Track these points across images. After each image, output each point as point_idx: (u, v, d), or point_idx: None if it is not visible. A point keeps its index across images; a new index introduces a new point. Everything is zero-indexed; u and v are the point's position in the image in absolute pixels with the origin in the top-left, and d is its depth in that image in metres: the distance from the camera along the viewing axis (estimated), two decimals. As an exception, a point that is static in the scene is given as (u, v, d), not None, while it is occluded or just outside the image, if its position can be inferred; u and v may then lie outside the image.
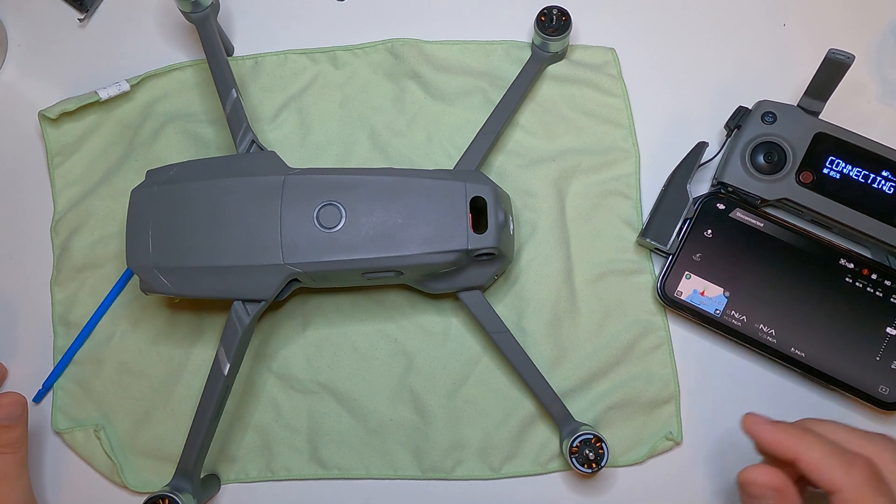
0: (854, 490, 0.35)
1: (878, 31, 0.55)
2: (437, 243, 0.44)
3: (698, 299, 0.50)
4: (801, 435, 0.37)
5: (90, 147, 0.55)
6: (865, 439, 0.38)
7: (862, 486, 0.35)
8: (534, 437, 0.50)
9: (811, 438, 0.37)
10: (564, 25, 0.51)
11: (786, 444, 0.37)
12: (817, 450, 0.36)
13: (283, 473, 0.51)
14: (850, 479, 0.35)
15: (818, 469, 0.36)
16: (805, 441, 0.37)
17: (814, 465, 0.36)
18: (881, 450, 0.37)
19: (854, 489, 0.35)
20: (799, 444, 0.37)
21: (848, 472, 0.35)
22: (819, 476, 0.36)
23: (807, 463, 0.36)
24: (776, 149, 0.50)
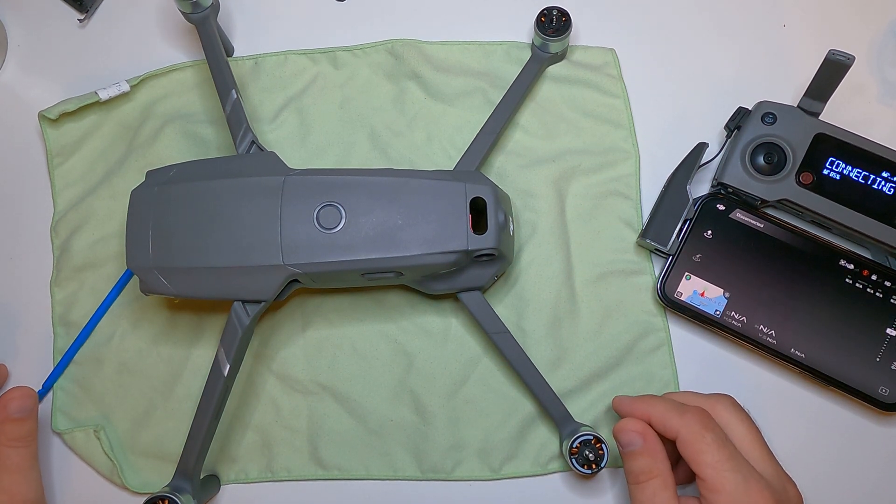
0: (687, 430, 0.41)
1: (878, 31, 0.55)
2: (437, 244, 0.44)
3: (698, 300, 0.50)
4: (648, 400, 0.44)
5: (90, 147, 0.55)
6: (704, 397, 0.44)
7: (693, 424, 0.41)
8: (534, 437, 0.50)
9: (656, 400, 0.43)
10: (564, 26, 0.51)
11: (638, 409, 0.44)
12: (660, 407, 0.43)
13: (283, 474, 0.51)
14: (683, 422, 0.41)
15: (660, 422, 0.42)
16: (651, 403, 0.43)
17: (657, 419, 0.42)
18: (714, 402, 0.44)
19: (687, 429, 0.41)
20: (647, 406, 0.43)
21: (681, 417, 0.41)
22: (662, 428, 0.42)
23: (655, 419, 0.42)
24: (776, 150, 0.50)
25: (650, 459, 0.42)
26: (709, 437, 0.40)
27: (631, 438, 0.42)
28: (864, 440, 0.50)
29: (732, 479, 0.39)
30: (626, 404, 0.45)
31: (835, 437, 0.50)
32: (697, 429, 0.40)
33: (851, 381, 0.48)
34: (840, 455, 0.50)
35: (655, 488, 0.41)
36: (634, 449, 0.42)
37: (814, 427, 0.50)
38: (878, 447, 0.50)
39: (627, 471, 0.43)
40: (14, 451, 0.46)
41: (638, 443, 0.42)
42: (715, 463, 0.40)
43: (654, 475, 0.41)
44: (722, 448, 0.40)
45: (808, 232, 0.50)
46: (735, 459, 0.40)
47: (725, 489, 0.39)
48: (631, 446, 0.42)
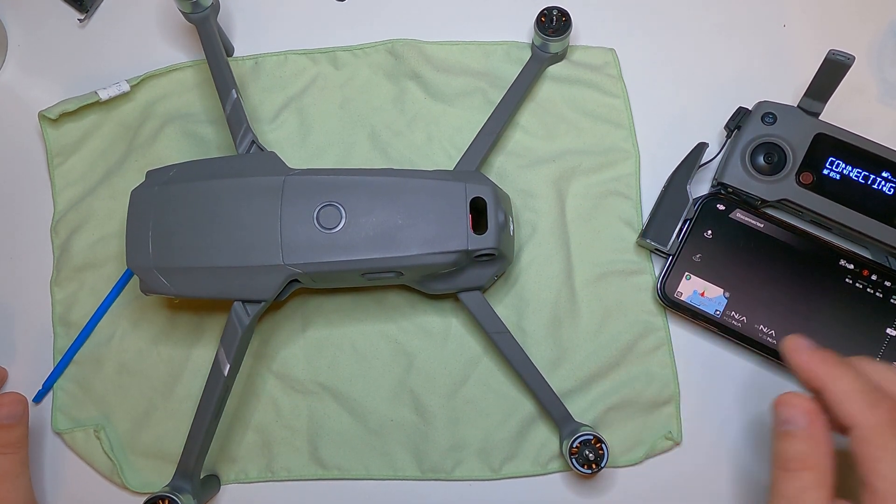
0: (872, 429, 0.33)
1: (878, 31, 0.55)
2: (437, 244, 0.44)
3: (698, 300, 0.50)
4: (835, 365, 0.35)
5: (90, 147, 0.55)
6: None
7: (883, 425, 0.33)
8: (534, 437, 0.50)
9: (844, 370, 0.35)
10: (564, 26, 0.51)
11: (816, 372, 0.35)
12: (846, 382, 0.34)
13: (283, 473, 0.51)
14: (870, 417, 0.33)
15: (840, 402, 0.34)
16: (836, 371, 0.35)
17: (837, 398, 0.34)
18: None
19: (872, 428, 0.33)
20: (828, 374, 0.35)
21: (870, 410, 0.33)
22: (839, 409, 0.34)
23: (831, 394, 0.35)
24: (776, 149, 0.50)
25: (810, 446, 0.34)
26: (894, 445, 0.33)
27: (792, 416, 0.35)
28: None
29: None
30: (803, 359, 0.36)
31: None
32: (885, 430, 0.33)
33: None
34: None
35: (806, 484, 0.34)
36: (792, 430, 0.35)
37: (814, 427, 0.50)
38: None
39: (776, 453, 0.36)
40: (3, 458, 0.46)
41: (801, 423, 0.35)
42: (893, 480, 0.32)
43: (809, 466, 0.34)
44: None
45: (808, 232, 0.50)
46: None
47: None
48: (789, 425, 0.35)
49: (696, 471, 0.50)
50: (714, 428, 0.50)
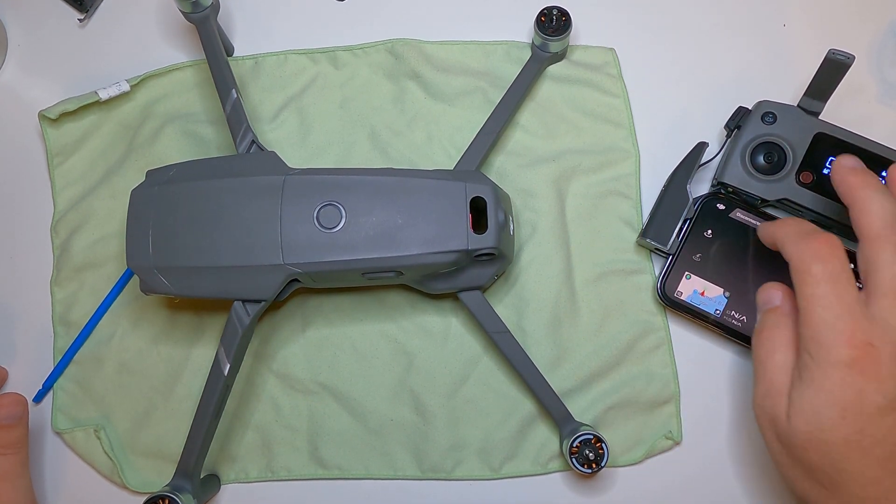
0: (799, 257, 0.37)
1: (878, 31, 0.55)
2: (437, 243, 0.44)
3: (698, 299, 0.50)
4: (782, 222, 0.40)
5: (90, 147, 0.55)
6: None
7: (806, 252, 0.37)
8: (534, 437, 0.50)
9: (789, 220, 0.39)
10: (564, 26, 0.51)
11: (768, 231, 0.40)
12: (788, 228, 0.39)
13: (283, 473, 0.51)
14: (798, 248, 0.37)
15: (782, 244, 0.38)
16: (781, 222, 0.39)
17: (781, 241, 0.39)
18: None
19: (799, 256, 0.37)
20: (776, 227, 0.39)
21: (798, 243, 0.37)
22: (782, 250, 0.38)
23: (778, 239, 0.39)
24: (776, 149, 0.50)
25: (780, 317, 0.39)
26: (816, 267, 0.36)
27: (769, 296, 0.39)
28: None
29: (821, 315, 0.35)
30: (763, 226, 0.41)
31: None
32: (807, 258, 0.36)
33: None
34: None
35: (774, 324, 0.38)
36: (768, 308, 0.39)
37: (814, 426, 0.50)
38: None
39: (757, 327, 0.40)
40: (3, 458, 0.46)
41: (775, 300, 0.39)
42: (811, 297, 0.36)
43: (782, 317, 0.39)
44: (826, 284, 0.36)
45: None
46: (834, 297, 0.35)
47: (811, 324, 0.36)
48: (767, 305, 0.39)
49: (696, 471, 0.50)
50: (714, 428, 0.50)
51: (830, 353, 0.35)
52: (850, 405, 0.35)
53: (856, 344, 0.35)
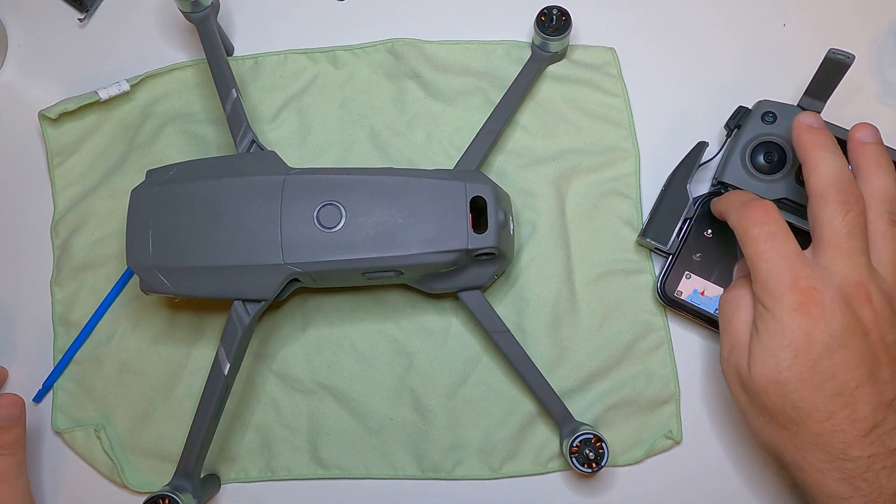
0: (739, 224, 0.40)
1: (878, 31, 0.55)
2: (438, 243, 0.44)
3: (698, 299, 0.50)
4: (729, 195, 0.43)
5: (90, 147, 0.55)
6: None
7: (745, 220, 0.40)
8: (534, 436, 0.50)
9: (733, 193, 0.42)
10: (564, 25, 0.51)
11: (716, 207, 0.43)
12: (730, 199, 0.42)
13: (283, 473, 0.51)
14: (739, 215, 0.40)
15: (725, 214, 0.42)
16: (726, 195, 0.43)
17: (725, 212, 0.42)
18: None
19: (739, 222, 0.40)
20: (720, 200, 0.43)
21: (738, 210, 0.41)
22: (726, 220, 0.42)
23: (723, 211, 0.42)
24: (776, 148, 0.50)
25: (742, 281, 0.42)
26: (755, 230, 0.39)
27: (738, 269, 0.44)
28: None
29: (766, 269, 0.38)
30: (713, 202, 0.44)
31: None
32: (746, 223, 0.39)
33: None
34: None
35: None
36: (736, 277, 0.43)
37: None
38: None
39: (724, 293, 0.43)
40: (1, 460, 0.46)
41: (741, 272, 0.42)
42: (753, 255, 0.39)
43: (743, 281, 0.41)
44: (764, 242, 0.38)
45: (807, 231, 0.50)
46: (773, 251, 0.38)
47: (759, 278, 0.38)
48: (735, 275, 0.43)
49: (696, 471, 0.50)
50: (714, 428, 0.50)
51: (779, 301, 0.38)
52: (800, 345, 0.37)
53: (800, 289, 0.37)
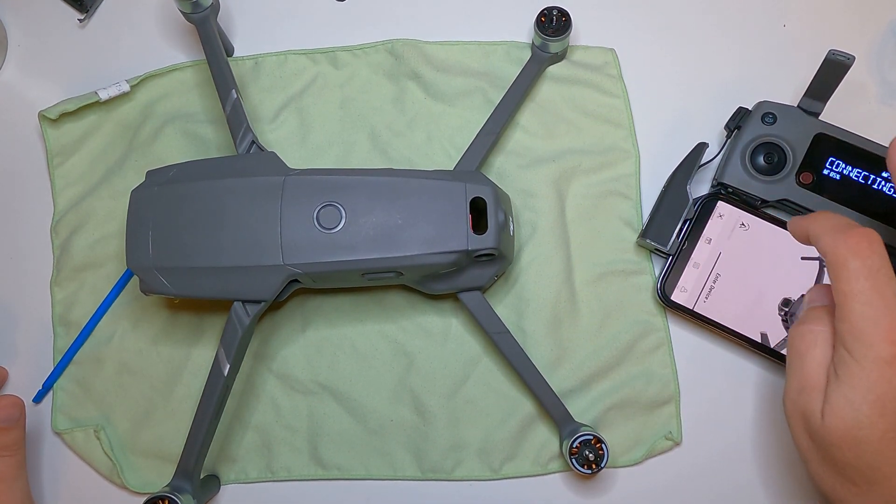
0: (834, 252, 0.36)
1: (878, 31, 0.55)
2: (437, 244, 0.44)
3: (698, 300, 0.50)
4: (815, 215, 0.38)
5: (90, 147, 0.55)
6: None
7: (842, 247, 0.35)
8: (534, 437, 0.50)
9: (822, 215, 0.38)
10: (564, 26, 0.51)
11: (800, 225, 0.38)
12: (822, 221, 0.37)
13: (283, 473, 0.51)
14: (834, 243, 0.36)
15: (816, 238, 0.37)
16: (815, 217, 0.38)
17: (815, 235, 0.37)
18: None
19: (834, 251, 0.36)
20: (809, 221, 0.38)
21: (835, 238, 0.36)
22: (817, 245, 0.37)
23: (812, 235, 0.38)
24: (776, 149, 0.50)
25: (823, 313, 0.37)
26: (854, 263, 0.35)
27: (816, 295, 0.38)
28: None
29: (861, 312, 0.34)
30: (795, 221, 0.40)
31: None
32: (844, 253, 0.35)
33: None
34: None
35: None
36: (812, 305, 0.38)
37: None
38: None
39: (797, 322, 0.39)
40: (0, 461, 0.46)
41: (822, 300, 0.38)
42: (848, 293, 0.35)
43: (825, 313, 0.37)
44: (865, 279, 0.34)
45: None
46: (875, 293, 0.34)
47: (850, 319, 0.34)
48: (812, 303, 0.38)
49: (696, 471, 0.50)
50: (714, 428, 0.50)
51: (870, 350, 0.34)
52: (889, 402, 0.34)
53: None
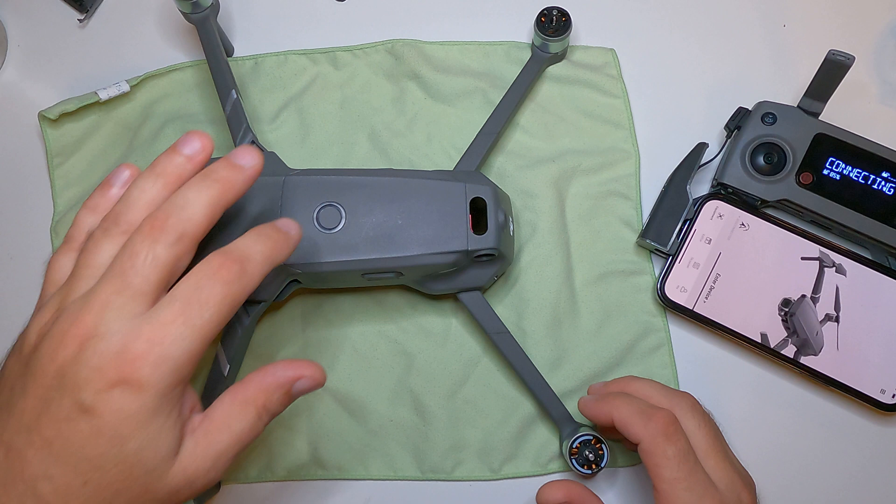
0: (651, 440, 0.40)
1: (877, 31, 0.55)
2: (437, 244, 0.44)
3: (698, 300, 0.50)
4: (612, 400, 0.43)
5: (90, 147, 0.55)
6: (668, 395, 0.43)
7: (657, 436, 0.40)
8: (534, 437, 0.50)
9: (620, 401, 0.42)
10: (564, 26, 0.51)
11: (602, 411, 0.43)
12: (624, 409, 0.41)
13: (283, 473, 0.51)
14: (647, 431, 0.40)
15: (625, 425, 0.41)
16: (615, 404, 0.42)
17: (622, 423, 0.41)
18: (675, 403, 0.42)
19: (651, 439, 0.40)
20: (611, 408, 0.42)
21: (646, 425, 0.40)
22: (626, 431, 0.41)
23: (618, 421, 0.42)
24: (776, 150, 0.50)
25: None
26: (670, 450, 0.39)
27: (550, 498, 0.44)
28: (863, 440, 0.50)
29: (686, 498, 0.39)
30: (590, 406, 0.44)
31: (834, 438, 0.50)
32: (660, 441, 0.40)
33: (851, 382, 0.48)
34: (839, 456, 0.50)
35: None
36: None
37: (813, 428, 0.50)
38: (878, 447, 0.50)
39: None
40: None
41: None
42: (672, 480, 0.39)
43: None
44: (682, 464, 0.39)
45: (807, 232, 0.50)
46: (692, 477, 0.39)
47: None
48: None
49: (695, 471, 0.50)
50: (714, 428, 0.50)
51: None
52: None
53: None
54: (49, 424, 0.31)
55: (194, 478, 0.33)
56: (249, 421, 0.34)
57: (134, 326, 0.31)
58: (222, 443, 0.34)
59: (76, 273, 0.34)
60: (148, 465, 0.31)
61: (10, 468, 0.31)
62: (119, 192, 0.38)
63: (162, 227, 0.32)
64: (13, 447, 0.31)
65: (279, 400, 0.35)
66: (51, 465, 0.31)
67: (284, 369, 0.35)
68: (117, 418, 0.30)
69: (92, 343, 0.31)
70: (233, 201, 0.35)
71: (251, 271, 0.34)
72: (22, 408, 0.31)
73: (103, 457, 0.31)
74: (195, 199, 0.34)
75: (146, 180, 0.35)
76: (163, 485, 0.32)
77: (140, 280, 0.32)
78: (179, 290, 0.32)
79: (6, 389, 0.33)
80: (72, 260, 0.36)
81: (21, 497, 0.31)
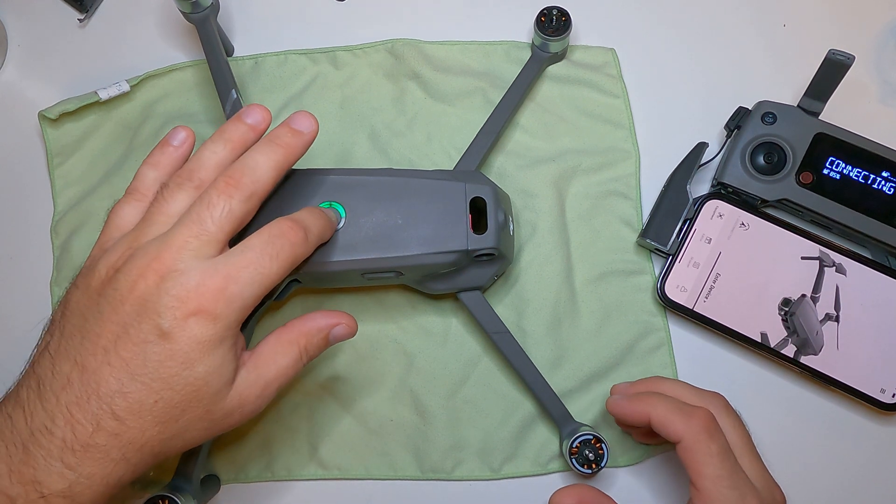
0: (693, 437, 0.40)
1: (877, 31, 0.55)
2: (437, 244, 0.44)
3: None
4: (648, 398, 0.42)
5: (90, 147, 0.55)
6: (699, 395, 0.43)
7: (700, 432, 0.40)
8: (534, 437, 0.50)
9: (656, 399, 0.42)
10: (564, 26, 0.51)
11: (637, 410, 0.43)
12: (661, 407, 0.41)
13: (283, 473, 0.51)
14: (689, 428, 0.40)
15: (664, 423, 0.41)
16: (651, 402, 0.42)
17: (660, 421, 0.41)
18: (709, 402, 0.43)
19: (693, 436, 0.40)
20: (648, 407, 0.42)
21: (688, 423, 0.40)
22: (666, 429, 0.41)
23: (655, 419, 0.41)
24: (776, 149, 0.50)
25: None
26: (714, 447, 0.39)
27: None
28: (863, 440, 0.50)
29: (730, 496, 0.39)
30: (622, 406, 0.43)
31: (834, 438, 0.50)
32: (704, 438, 0.39)
33: (852, 382, 0.48)
34: (840, 456, 0.50)
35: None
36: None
37: (814, 427, 0.50)
38: (878, 447, 0.50)
39: None
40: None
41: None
42: (716, 478, 0.39)
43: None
44: (724, 461, 0.39)
45: (807, 231, 0.50)
46: (735, 475, 0.39)
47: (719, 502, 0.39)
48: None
49: (696, 471, 0.50)
50: (714, 428, 0.50)
51: None
52: None
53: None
54: (127, 346, 0.34)
55: (245, 402, 0.37)
56: (293, 358, 0.39)
57: (210, 265, 0.35)
58: (269, 374, 0.38)
59: (148, 219, 0.38)
60: (212, 387, 0.35)
61: (86, 386, 0.34)
62: (177, 149, 0.42)
63: (237, 185, 0.37)
64: (88, 367, 0.34)
65: (318, 343, 0.40)
66: (126, 382, 0.34)
67: (324, 317, 0.40)
68: (190, 344, 0.34)
69: (172, 276, 0.35)
70: (293, 164, 0.40)
71: (311, 240, 0.39)
72: (98, 332, 0.35)
73: (175, 377, 0.34)
74: (264, 162, 0.39)
75: (216, 143, 0.40)
76: (220, 406, 0.36)
77: (216, 228, 0.36)
78: (253, 241, 0.37)
79: (76, 316, 0.36)
80: (135, 209, 0.40)
81: (96, 412, 0.34)
